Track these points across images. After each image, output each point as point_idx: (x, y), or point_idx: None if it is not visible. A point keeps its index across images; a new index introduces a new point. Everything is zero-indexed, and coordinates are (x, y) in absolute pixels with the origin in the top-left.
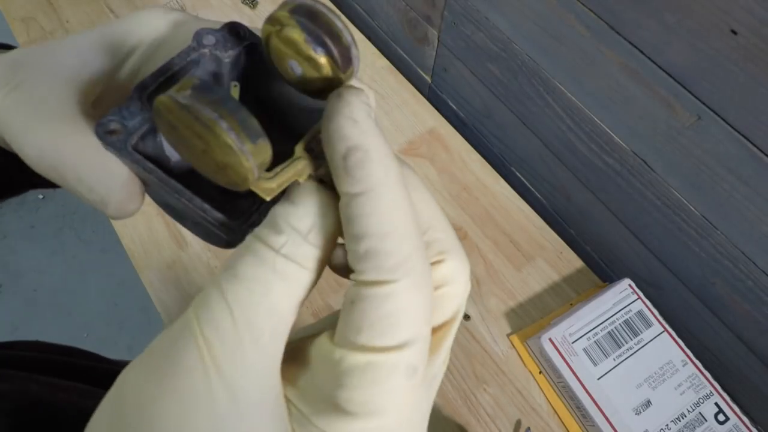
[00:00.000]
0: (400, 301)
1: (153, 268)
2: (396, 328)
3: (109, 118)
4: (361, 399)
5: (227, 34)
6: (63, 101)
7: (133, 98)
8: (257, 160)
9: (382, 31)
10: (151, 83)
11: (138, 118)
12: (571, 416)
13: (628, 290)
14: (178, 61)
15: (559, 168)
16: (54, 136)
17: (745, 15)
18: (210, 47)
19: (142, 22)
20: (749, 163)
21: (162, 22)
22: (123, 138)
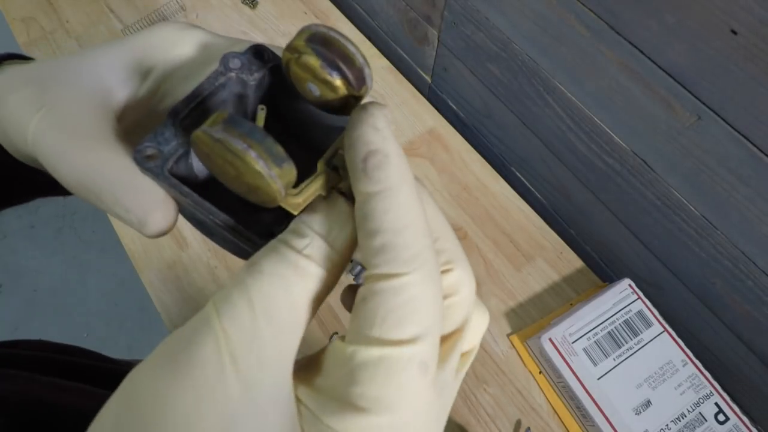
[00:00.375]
0: (413, 292)
1: (153, 268)
2: (409, 320)
3: (146, 145)
4: (374, 394)
5: (252, 57)
6: (95, 124)
7: (167, 124)
8: (283, 182)
9: (382, 31)
10: (183, 109)
11: (173, 143)
12: (571, 416)
13: (628, 290)
14: (207, 86)
15: (559, 168)
16: (90, 161)
17: (745, 15)
18: (236, 71)
19: (163, 38)
20: (749, 163)
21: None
22: (160, 163)
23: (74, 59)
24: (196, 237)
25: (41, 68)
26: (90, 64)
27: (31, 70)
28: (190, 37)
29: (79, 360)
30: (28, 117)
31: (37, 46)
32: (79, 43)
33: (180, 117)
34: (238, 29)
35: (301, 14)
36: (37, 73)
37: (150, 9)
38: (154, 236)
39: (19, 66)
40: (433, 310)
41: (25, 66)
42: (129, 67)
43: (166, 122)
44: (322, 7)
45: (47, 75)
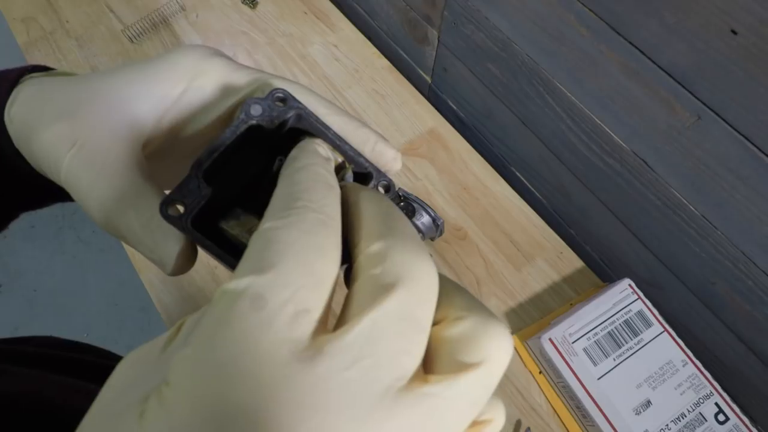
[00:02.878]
0: (272, 235)
1: (153, 268)
2: (256, 257)
3: (171, 198)
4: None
5: (273, 103)
6: (124, 161)
7: (191, 176)
8: None
9: (382, 31)
10: (206, 160)
11: (196, 195)
12: (571, 416)
13: (628, 290)
14: (229, 135)
15: (559, 168)
16: (118, 204)
17: (745, 15)
18: (257, 118)
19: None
20: (749, 163)
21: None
22: (185, 216)
23: (102, 86)
24: None
25: (70, 96)
26: (118, 96)
27: (61, 97)
28: (211, 66)
29: (89, 358)
30: (61, 155)
31: (37, 46)
32: (79, 43)
33: (203, 168)
34: (238, 29)
35: (301, 14)
36: (67, 104)
37: (150, 9)
38: (174, 275)
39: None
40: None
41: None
42: (155, 98)
43: (190, 174)
44: (322, 7)
45: (76, 107)
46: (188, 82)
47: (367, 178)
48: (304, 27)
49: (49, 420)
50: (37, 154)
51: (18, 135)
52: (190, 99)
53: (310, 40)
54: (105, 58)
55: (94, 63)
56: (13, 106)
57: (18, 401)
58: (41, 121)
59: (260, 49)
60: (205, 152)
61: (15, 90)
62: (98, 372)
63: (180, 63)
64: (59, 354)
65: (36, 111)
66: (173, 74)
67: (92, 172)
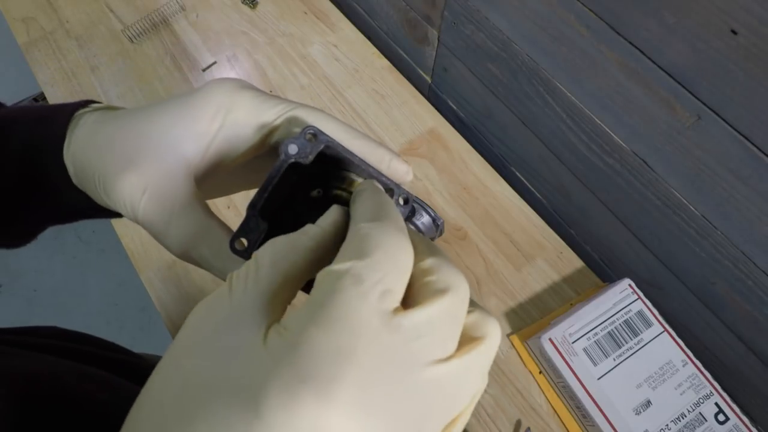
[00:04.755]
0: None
1: (153, 268)
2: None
3: (237, 236)
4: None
5: (305, 141)
6: (188, 204)
7: (249, 217)
8: None
9: (382, 31)
10: (259, 200)
11: (255, 232)
12: (571, 416)
13: (628, 290)
14: (274, 175)
15: (559, 168)
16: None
17: (745, 15)
18: (294, 156)
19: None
20: (749, 163)
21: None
22: (249, 249)
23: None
24: None
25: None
26: (166, 140)
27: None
28: (241, 99)
29: (92, 350)
30: (136, 202)
31: (37, 46)
32: (79, 43)
33: (258, 208)
34: (238, 29)
35: (301, 14)
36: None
37: (150, 9)
38: None
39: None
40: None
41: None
42: (197, 136)
43: (248, 215)
44: (322, 7)
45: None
46: (223, 118)
47: (388, 194)
48: (304, 27)
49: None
50: (113, 201)
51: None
52: (227, 133)
53: (310, 40)
54: (105, 58)
55: (94, 63)
56: (71, 147)
57: (38, 381)
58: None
59: (260, 49)
60: (257, 194)
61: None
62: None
63: (213, 100)
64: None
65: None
66: (209, 112)
67: (164, 211)
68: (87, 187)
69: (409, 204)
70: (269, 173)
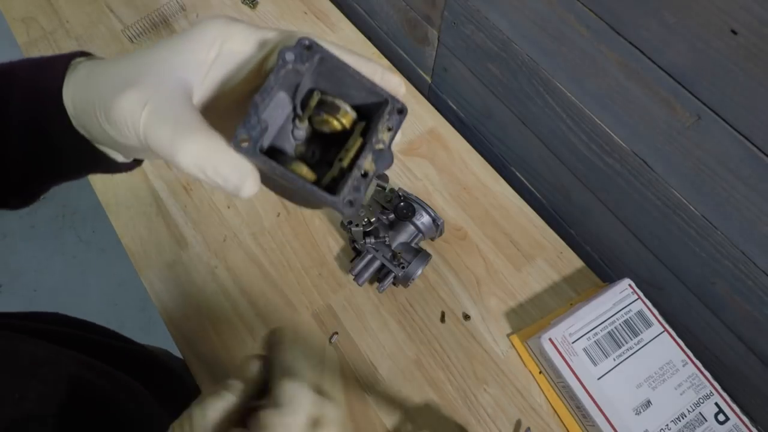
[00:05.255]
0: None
1: (153, 268)
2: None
3: (240, 133)
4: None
5: (302, 49)
6: (189, 114)
7: (251, 115)
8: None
9: (382, 31)
10: (261, 101)
11: (257, 128)
12: (571, 416)
13: (628, 290)
14: (274, 79)
15: (559, 168)
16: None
17: (745, 15)
18: (291, 62)
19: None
20: (749, 163)
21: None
22: (252, 146)
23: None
24: (196, 237)
25: (127, 71)
26: (166, 66)
27: (121, 69)
28: (235, 30)
29: (95, 337)
30: (136, 116)
31: (37, 46)
32: (79, 43)
33: (260, 108)
34: None
35: (301, 14)
36: (128, 73)
37: (150, 9)
38: (246, 198)
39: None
40: None
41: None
42: (195, 65)
43: (250, 113)
44: (322, 7)
45: (137, 77)
46: (219, 47)
47: (384, 105)
48: (304, 27)
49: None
50: (114, 124)
51: (81, 112)
52: (224, 61)
53: None
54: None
55: None
56: (70, 88)
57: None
58: (111, 93)
59: None
60: (259, 94)
61: (69, 71)
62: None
63: (208, 32)
64: (68, 332)
65: (100, 88)
66: (205, 42)
67: (167, 124)
68: (87, 122)
69: (404, 113)
70: (268, 78)
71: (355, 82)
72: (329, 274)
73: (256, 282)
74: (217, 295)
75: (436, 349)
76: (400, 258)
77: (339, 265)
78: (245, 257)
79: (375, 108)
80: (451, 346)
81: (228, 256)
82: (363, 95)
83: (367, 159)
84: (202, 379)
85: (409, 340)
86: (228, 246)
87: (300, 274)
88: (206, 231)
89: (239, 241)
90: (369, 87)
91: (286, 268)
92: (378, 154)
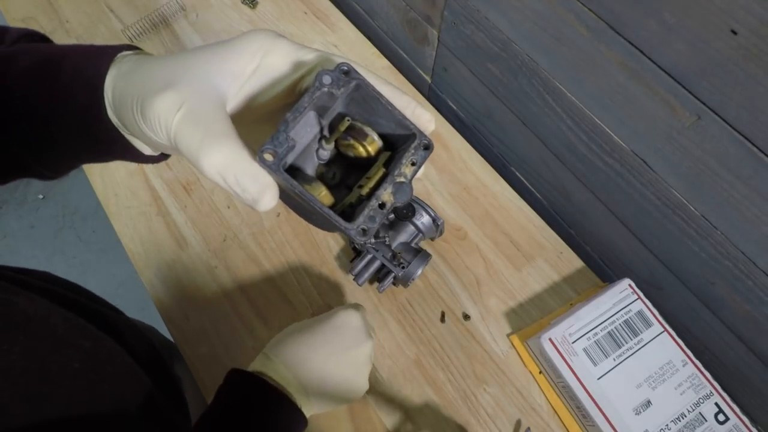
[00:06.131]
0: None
1: (153, 268)
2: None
3: (266, 148)
4: None
5: (340, 74)
6: (220, 122)
7: (280, 131)
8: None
9: (382, 31)
10: (292, 120)
11: (284, 146)
12: (571, 416)
13: (628, 290)
14: (308, 100)
15: (559, 168)
16: (222, 152)
17: (745, 15)
18: (328, 86)
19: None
20: (749, 163)
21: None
22: (277, 162)
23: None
24: (195, 237)
25: (167, 72)
26: (205, 71)
27: (163, 69)
28: (278, 46)
29: (84, 300)
30: (170, 117)
31: None
32: (79, 43)
33: (290, 126)
34: (238, 29)
35: (301, 14)
36: (168, 77)
37: (150, 9)
38: (263, 210)
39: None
40: None
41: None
42: (233, 74)
43: (279, 129)
44: (322, 7)
45: (175, 79)
46: (260, 61)
47: (412, 138)
48: (303, 27)
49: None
50: (149, 121)
51: (120, 105)
52: (261, 75)
53: (310, 40)
54: None
55: None
56: (112, 80)
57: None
58: (150, 92)
59: None
60: (291, 113)
61: (113, 66)
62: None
63: (252, 45)
64: (59, 291)
65: (141, 84)
66: (247, 54)
67: (198, 130)
68: (124, 116)
69: (430, 149)
70: (302, 97)
71: (386, 112)
72: (329, 274)
73: (256, 282)
74: (217, 295)
75: (435, 349)
76: (400, 258)
77: (339, 265)
78: (245, 257)
79: (402, 140)
80: (451, 346)
81: (228, 256)
82: (392, 126)
83: (386, 190)
84: (202, 379)
85: (408, 340)
86: (228, 246)
87: (300, 274)
88: (206, 231)
89: (239, 241)
90: (399, 119)
91: (286, 268)
92: (398, 186)
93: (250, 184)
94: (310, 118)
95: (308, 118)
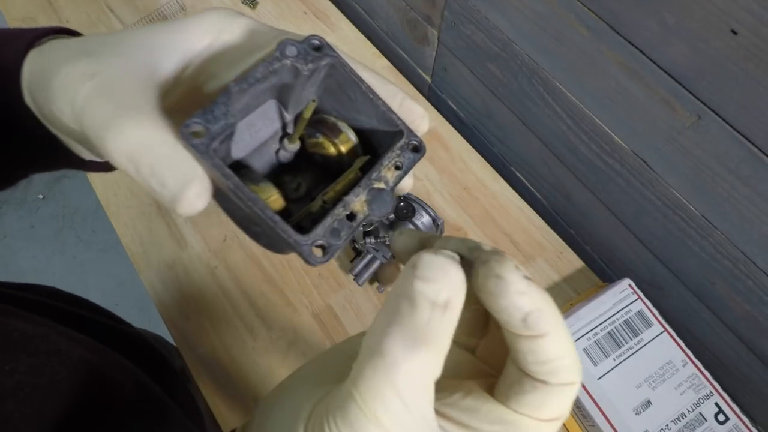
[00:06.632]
0: (573, 393)
1: (153, 268)
2: (561, 406)
3: (195, 121)
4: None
5: (309, 48)
6: (141, 96)
7: (218, 103)
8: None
9: (382, 31)
10: (235, 90)
11: (221, 122)
12: (571, 416)
13: (628, 290)
14: (263, 71)
15: (559, 168)
16: (136, 130)
17: (745, 15)
18: (292, 59)
19: (212, 23)
20: (749, 163)
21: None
22: (206, 141)
23: (125, 35)
24: (195, 237)
25: (93, 41)
26: (139, 44)
27: (85, 42)
28: (238, 24)
29: (87, 314)
30: (79, 85)
31: None
32: None
33: (233, 98)
34: None
35: (301, 14)
36: (90, 45)
37: (150, 9)
38: (185, 214)
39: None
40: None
41: (78, 39)
42: (177, 48)
43: (218, 101)
44: (322, 7)
45: (99, 47)
46: (214, 37)
47: (398, 137)
48: (304, 27)
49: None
50: (53, 93)
51: (33, 85)
52: (216, 55)
53: None
54: None
55: None
56: (29, 63)
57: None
58: (63, 60)
59: None
60: (235, 83)
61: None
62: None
63: (206, 19)
64: (60, 306)
65: (58, 53)
66: (198, 29)
67: (110, 102)
68: (37, 98)
69: (420, 153)
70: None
71: (367, 102)
72: (329, 274)
73: (256, 282)
74: (217, 295)
75: None
76: None
77: (339, 265)
78: (245, 257)
79: (386, 140)
80: None
81: (228, 256)
82: (373, 121)
83: (359, 197)
84: (202, 379)
85: None
86: (228, 246)
87: (300, 274)
88: (206, 231)
89: (239, 241)
90: (383, 112)
91: (286, 268)
92: (375, 194)
93: (169, 174)
94: (270, 108)
95: (267, 107)
